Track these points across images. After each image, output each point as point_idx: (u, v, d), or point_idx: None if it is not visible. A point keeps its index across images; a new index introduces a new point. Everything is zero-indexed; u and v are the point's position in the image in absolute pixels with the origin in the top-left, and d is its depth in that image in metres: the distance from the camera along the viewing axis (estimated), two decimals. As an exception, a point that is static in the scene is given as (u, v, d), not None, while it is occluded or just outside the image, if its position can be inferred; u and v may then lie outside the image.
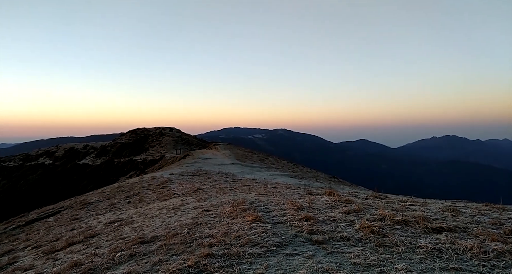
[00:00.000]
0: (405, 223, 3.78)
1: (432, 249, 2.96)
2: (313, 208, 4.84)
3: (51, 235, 6.62)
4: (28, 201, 39.52)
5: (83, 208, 9.85)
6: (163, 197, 8.37)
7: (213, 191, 8.11)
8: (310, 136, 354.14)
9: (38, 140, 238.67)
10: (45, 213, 11.44)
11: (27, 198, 42.78)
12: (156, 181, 12.07)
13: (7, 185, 51.47)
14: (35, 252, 5.27)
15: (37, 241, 6.41)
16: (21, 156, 65.35)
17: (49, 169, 55.11)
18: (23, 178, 52.54)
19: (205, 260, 3.04)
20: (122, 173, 42.54)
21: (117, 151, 54.74)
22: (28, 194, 44.91)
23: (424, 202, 5.08)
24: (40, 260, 4.54)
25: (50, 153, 62.44)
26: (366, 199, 5.59)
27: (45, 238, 6.43)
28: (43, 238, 6.60)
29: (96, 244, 4.68)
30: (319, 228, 3.79)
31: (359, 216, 4.24)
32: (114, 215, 7.11)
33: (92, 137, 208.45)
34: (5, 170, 58.32)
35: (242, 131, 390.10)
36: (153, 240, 4.08)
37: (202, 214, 5.11)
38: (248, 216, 4.42)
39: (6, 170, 57.93)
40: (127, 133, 64.44)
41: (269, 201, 5.66)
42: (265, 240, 3.48)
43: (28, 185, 49.41)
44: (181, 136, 60.53)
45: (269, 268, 2.81)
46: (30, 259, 4.86)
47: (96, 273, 3.27)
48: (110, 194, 11.57)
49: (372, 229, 3.54)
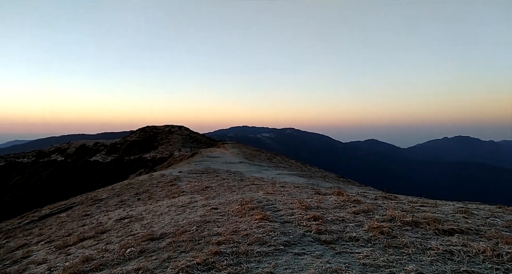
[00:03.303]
0: (415, 224, 3.72)
1: (443, 251, 2.91)
2: (321, 208, 4.82)
3: (63, 231, 6.76)
4: (41, 196, 40.46)
5: (94, 205, 10.02)
6: (172, 194, 8.45)
7: (221, 190, 8.14)
8: (319, 135, 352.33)
9: (51, 137, 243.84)
10: (57, 209, 11.69)
11: (40, 193, 43.79)
12: (165, 179, 12.19)
13: (21, 181, 52.76)
14: (48, 247, 5.39)
15: (50, 236, 6.56)
16: (35, 153, 66.88)
17: (61, 166, 56.25)
18: (36, 174, 53.76)
19: (214, 257, 3.06)
20: (131, 171, 43.12)
21: (127, 149, 55.50)
22: (41, 190, 45.96)
23: (435, 203, 5.00)
24: (53, 255, 4.64)
25: (62, 150, 63.71)
26: (375, 199, 5.54)
27: (58, 233, 6.57)
28: (56, 233, 6.74)
29: (106, 240, 4.76)
30: (327, 228, 3.77)
31: (368, 216, 4.20)
32: (124, 212, 7.22)
33: (102, 134, 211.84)
34: (19, 166, 59.79)
35: (250, 130, 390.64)
36: (162, 237, 4.12)
37: (211, 212, 5.15)
38: (256, 214, 4.43)
39: (20, 166, 59.38)
40: (136, 131, 65.24)
41: (277, 200, 5.65)
42: (273, 239, 3.48)
43: (41, 181, 50.53)
44: (190, 134, 60.96)
45: (277, 267, 2.81)
46: (43, 253, 4.97)
47: (106, 268, 3.33)
48: (120, 191, 11.75)
49: (382, 229, 3.50)
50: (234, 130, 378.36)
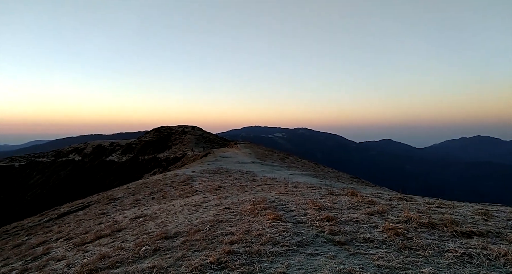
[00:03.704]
0: (432, 226, 3.64)
1: (461, 253, 2.83)
2: (335, 209, 4.77)
3: (81, 228, 6.95)
4: (60, 195, 41.71)
5: (110, 203, 10.25)
6: (185, 194, 8.55)
7: (233, 189, 8.18)
8: (332, 135, 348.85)
9: (69, 137, 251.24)
10: (75, 207, 12.02)
11: (59, 192, 45.15)
12: (178, 178, 12.34)
13: (41, 179, 54.56)
14: (66, 244, 5.56)
15: (69, 233, 6.76)
16: (54, 152, 69.05)
17: (79, 165, 57.83)
18: (55, 173, 55.48)
19: (227, 257, 3.08)
20: (146, 170, 43.87)
21: (141, 149, 56.51)
22: (60, 188, 47.39)
23: (453, 204, 4.86)
24: (71, 252, 4.78)
25: (80, 150, 65.48)
26: (390, 200, 5.44)
27: (76, 231, 6.76)
28: (74, 230, 6.94)
29: (122, 238, 4.86)
30: (341, 228, 3.73)
31: (383, 217, 4.13)
32: (139, 211, 7.35)
33: (118, 134, 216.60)
34: (39, 165, 61.85)
35: (263, 130, 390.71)
36: (176, 235, 4.18)
37: (223, 212, 5.18)
38: (269, 214, 4.43)
39: (40, 166, 61.43)
40: (151, 131, 66.35)
41: (290, 200, 5.63)
42: (286, 239, 3.47)
43: (60, 180, 52.11)
44: (203, 134, 61.51)
45: (290, 267, 2.80)
46: (62, 250, 5.13)
47: (122, 266, 3.40)
48: (135, 190, 11.97)
49: (397, 231, 3.44)
50: (247, 130, 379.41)
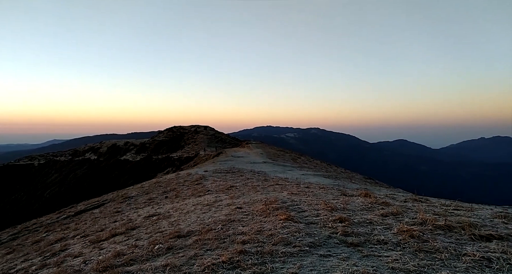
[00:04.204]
0: (448, 228, 3.54)
1: (480, 257, 2.74)
2: (347, 210, 4.71)
3: (97, 226, 7.11)
4: (76, 193, 42.81)
5: (124, 202, 10.45)
6: (198, 193, 8.63)
7: (245, 189, 8.19)
8: (345, 135, 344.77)
9: (85, 137, 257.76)
10: (91, 205, 12.32)
11: (76, 190, 46.36)
12: (191, 178, 12.46)
13: (59, 178, 56.16)
14: (83, 241, 5.70)
15: (85, 230, 6.93)
16: (71, 152, 70.93)
17: (94, 164, 59.19)
18: (72, 172, 56.97)
19: (239, 256, 3.09)
20: (159, 169, 44.50)
21: (155, 148, 57.36)
22: (76, 187, 48.64)
23: (471, 207, 4.72)
24: (88, 249, 4.90)
25: (95, 149, 67.00)
26: (404, 201, 5.33)
27: (92, 228, 6.93)
28: (90, 228, 7.11)
29: (136, 236, 4.94)
30: (354, 230, 3.68)
31: (397, 219, 4.05)
32: (153, 209, 7.46)
33: (132, 134, 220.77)
34: (57, 164, 63.67)
35: (274, 130, 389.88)
36: (189, 234, 4.22)
37: (235, 211, 5.19)
38: (281, 215, 4.42)
39: (58, 164, 63.23)
40: (164, 131, 67.26)
41: (302, 201, 5.60)
42: (298, 240, 3.45)
43: (76, 178, 53.48)
44: (215, 134, 61.92)
45: (302, 268, 2.78)
46: (79, 247, 5.27)
47: (136, 263, 3.46)
48: (149, 189, 12.16)
49: (412, 233, 3.37)
50: (258, 130, 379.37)
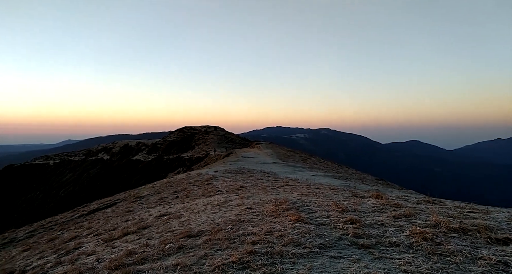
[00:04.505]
0: (463, 231, 3.46)
1: (496, 261, 2.66)
2: (359, 211, 4.66)
3: (109, 225, 7.23)
4: (90, 192, 43.67)
5: (136, 201, 10.60)
6: (208, 193, 8.68)
7: (255, 190, 8.20)
8: (356, 136, 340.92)
9: (98, 137, 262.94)
10: (103, 204, 12.55)
11: (89, 189, 47.29)
12: (201, 178, 12.55)
13: (73, 177, 57.43)
14: (96, 239, 5.81)
15: (98, 229, 7.06)
16: (84, 152, 72.49)
17: (107, 164, 60.29)
18: (86, 172, 58.17)
19: (249, 257, 3.09)
20: (170, 169, 44.98)
21: (166, 148, 58.03)
22: (90, 186, 49.62)
23: (486, 209, 4.59)
24: (101, 247, 4.99)
25: (108, 149, 68.26)
26: (417, 203, 5.23)
27: (104, 227, 7.05)
28: (103, 227, 7.24)
29: (147, 235, 5.01)
30: (365, 231, 3.64)
31: (409, 221, 3.98)
32: (164, 209, 7.54)
33: (144, 134, 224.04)
34: (71, 163, 65.12)
35: (284, 130, 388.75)
36: (199, 234, 4.25)
37: (245, 212, 5.20)
38: (291, 215, 4.40)
39: (72, 164, 64.66)
40: (175, 131, 68.01)
41: (312, 201, 5.56)
42: (308, 241, 3.43)
43: (90, 178, 54.57)
44: (225, 134, 62.21)
45: (312, 269, 2.76)
46: (92, 245, 5.37)
47: (148, 262, 3.50)
48: (160, 189, 12.31)
49: (425, 235, 3.30)
50: (268, 131, 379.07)
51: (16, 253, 7.17)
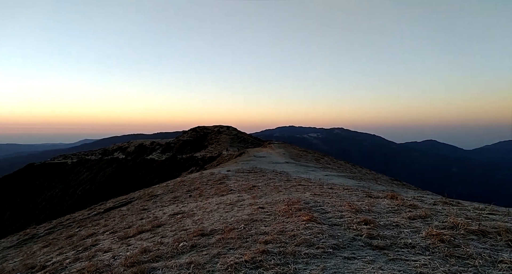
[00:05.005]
0: (482, 233, 3.35)
1: (517, 265, 2.58)
2: (373, 212, 4.58)
3: (124, 223, 7.39)
4: (106, 190, 44.70)
5: (150, 200, 10.79)
6: (221, 192, 8.73)
7: (267, 189, 8.19)
8: (370, 135, 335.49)
9: (114, 137, 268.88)
10: (119, 203, 12.82)
11: (105, 188, 48.42)
12: (214, 177, 12.64)
13: (89, 176, 58.93)
14: (112, 237, 5.95)
15: (114, 227, 7.22)
16: (100, 151, 74.27)
17: (122, 163, 61.57)
18: (102, 170, 59.57)
19: (261, 256, 3.09)
20: (184, 169, 45.53)
21: (179, 148, 58.76)
22: (106, 184, 50.80)
23: (507, 211, 4.44)
24: (116, 244, 5.11)
25: (123, 149, 69.66)
26: (434, 204, 5.10)
27: (120, 225, 7.21)
28: (118, 225, 7.40)
29: (161, 233, 5.09)
30: (379, 232, 3.58)
31: (426, 222, 3.89)
32: (177, 208, 7.65)
33: (158, 134, 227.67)
34: (88, 162, 66.85)
35: (297, 130, 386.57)
36: (212, 233, 4.29)
37: (257, 211, 5.21)
38: (303, 215, 4.38)
39: (89, 163, 66.37)
40: (188, 131, 68.74)
41: (325, 202, 5.52)
42: (321, 241, 3.40)
43: (106, 176, 55.86)
44: (237, 134, 62.44)
45: (325, 270, 2.74)
46: (108, 242, 5.50)
47: (162, 260, 3.56)
48: (174, 188, 12.48)
49: (442, 237, 3.22)
50: (281, 130, 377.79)
51: (37, 249, 7.43)
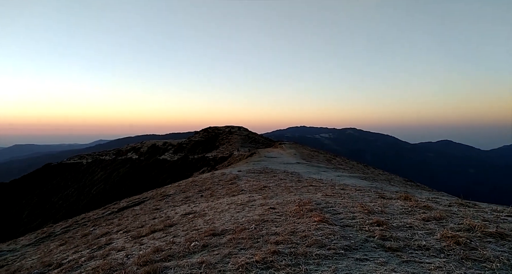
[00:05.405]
0: (500, 236, 3.25)
1: (537, 270, 2.49)
2: (386, 213, 4.51)
3: (137, 222, 7.51)
4: (119, 190, 45.52)
5: (163, 200, 10.93)
6: (232, 192, 8.77)
7: (278, 190, 8.18)
8: (383, 135, 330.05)
9: (127, 137, 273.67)
10: (132, 202, 13.04)
11: (119, 187, 49.31)
12: (225, 177, 12.70)
13: (104, 176, 60.14)
14: (125, 236, 6.06)
15: (127, 226, 7.35)
16: (114, 151, 75.72)
17: (135, 163, 62.58)
18: (116, 170, 60.70)
19: (272, 256, 3.09)
20: (195, 169, 45.92)
21: (191, 148, 59.31)
22: (119, 184, 51.73)
23: (527, 214, 4.30)
24: (130, 243, 5.20)
25: (136, 149, 70.82)
26: (449, 206, 4.98)
27: (133, 224, 7.33)
28: (131, 224, 7.53)
29: (173, 233, 5.15)
30: (392, 234, 3.52)
31: (440, 224, 3.80)
32: (189, 208, 7.72)
33: (170, 135, 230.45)
34: (102, 163, 68.24)
35: (308, 130, 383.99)
36: (223, 233, 4.31)
37: (268, 212, 5.20)
38: (315, 216, 4.35)
39: (103, 163, 67.75)
40: (200, 131, 69.31)
41: (337, 203, 5.46)
42: (333, 243, 3.37)
43: (119, 176, 56.88)
44: (248, 134, 62.54)
45: (337, 271, 2.72)
46: (122, 241, 5.60)
47: (174, 259, 3.60)
48: (185, 188, 12.60)
49: (457, 239, 3.14)
50: (292, 131, 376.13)
51: (54, 247, 7.64)
